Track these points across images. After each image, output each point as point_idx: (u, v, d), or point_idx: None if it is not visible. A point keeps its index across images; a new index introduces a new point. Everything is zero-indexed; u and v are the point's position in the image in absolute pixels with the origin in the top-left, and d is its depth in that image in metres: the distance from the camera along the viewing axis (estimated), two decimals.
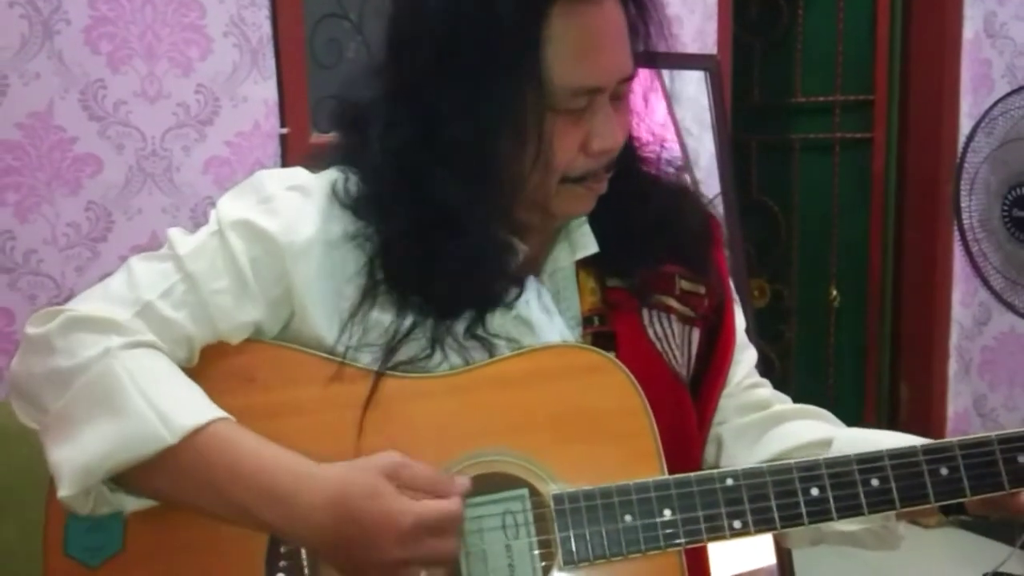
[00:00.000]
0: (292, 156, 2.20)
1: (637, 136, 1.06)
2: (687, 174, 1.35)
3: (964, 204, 2.80)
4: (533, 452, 0.94)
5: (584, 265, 1.06)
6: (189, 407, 0.90)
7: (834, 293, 3.60)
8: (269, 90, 2.19)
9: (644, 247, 1.06)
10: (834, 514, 0.93)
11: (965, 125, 3.14)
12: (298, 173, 1.03)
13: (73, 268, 2.01)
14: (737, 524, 0.92)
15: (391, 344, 0.96)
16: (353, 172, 1.00)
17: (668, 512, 0.92)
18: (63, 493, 0.88)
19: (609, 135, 0.96)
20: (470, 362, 0.98)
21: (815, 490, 0.93)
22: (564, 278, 1.06)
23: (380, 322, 0.97)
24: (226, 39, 2.13)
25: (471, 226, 0.95)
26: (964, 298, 3.33)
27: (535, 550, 0.93)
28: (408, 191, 0.97)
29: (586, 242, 1.05)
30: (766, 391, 1.14)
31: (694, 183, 2.24)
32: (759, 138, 3.69)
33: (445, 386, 0.97)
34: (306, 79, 2.25)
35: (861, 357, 3.57)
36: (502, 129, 0.93)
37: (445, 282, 0.96)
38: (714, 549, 1.07)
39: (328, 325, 0.97)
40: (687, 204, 1.12)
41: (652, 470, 0.94)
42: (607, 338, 1.03)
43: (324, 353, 0.97)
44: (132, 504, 0.92)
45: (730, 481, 0.93)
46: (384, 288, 0.97)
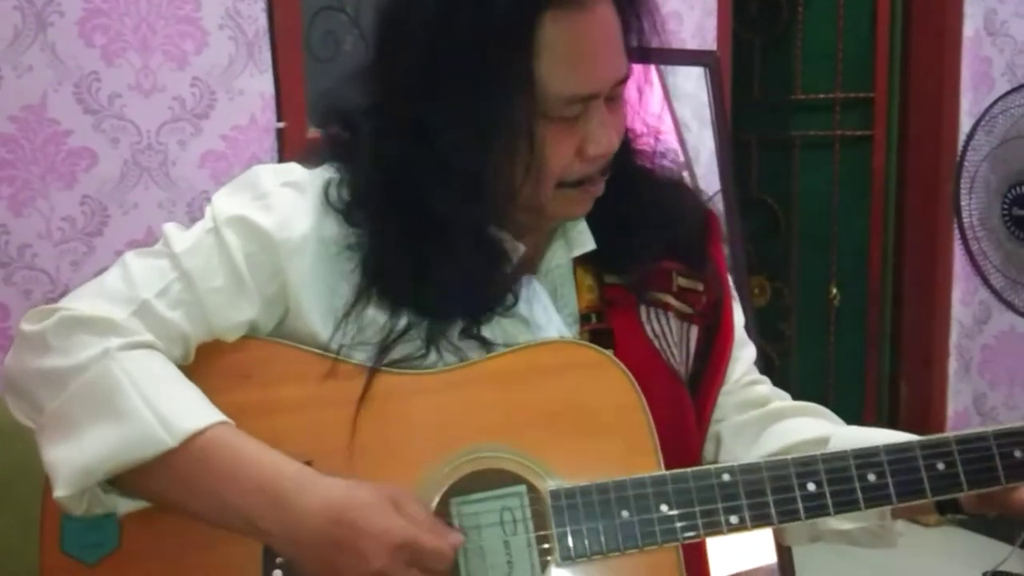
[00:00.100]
0: (289, 150, 2.19)
1: (631, 128, 1.05)
2: (685, 171, 1.34)
3: (964, 202, 2.80)
4: (529, 448, 0.94)
5: (581, 262, 1.05)
6: (189, 410, 0.89)
7: (834, 291, 3.60)
8: (265, 84, 2.18)
9: (641, 244, 1.05)
10: (831, 509, 0.93)
11: (965, 123, 3.14)
12: (293, 169, 1.02)
13: (68, 263, 2.01)
14: (734, 519, 0.92)
15: (385, 343, 0.96)
16: (345, 172, 0.99)
17: (665, 508, 0.92)
18: (59, 493, 0.87)
19: (604, 140, 0.95)
20: (466, 360, 0.97)
21: (812, 485, 0.93)
22: (561, 276, 1.05)
23: (375, 320, 0.96)
24: (221, 32, 2.12)
25: (462, 238, 0.94)
26: (964, 297, 3.32)
27: (533, 546, 0.92)
28: (398, 202, 0.96)
29: (583, 239, 1.04)
30: (765, 388, 1.13)
31: (693, 180, 2.24)
32: (759, 135, 3.68)
33: (441, 382, 0.96)
34: (303, 72, 2.24)
35: (861, 355, 3.56)
36: (494, 138, 0.92)
37: (437, 294, 0.96)
38: (714, 548, 1.06)
39: (323, 322, 0.97)
40: (684, 198, 1.11)
41: (649, 466, 0.94)
42: (604, 335, 1.03)
43: (319, 350, 0.96)
44: (125, 506, 0.92)
45: (727, 476, 0.93)
46: (378, 289, 0.97)
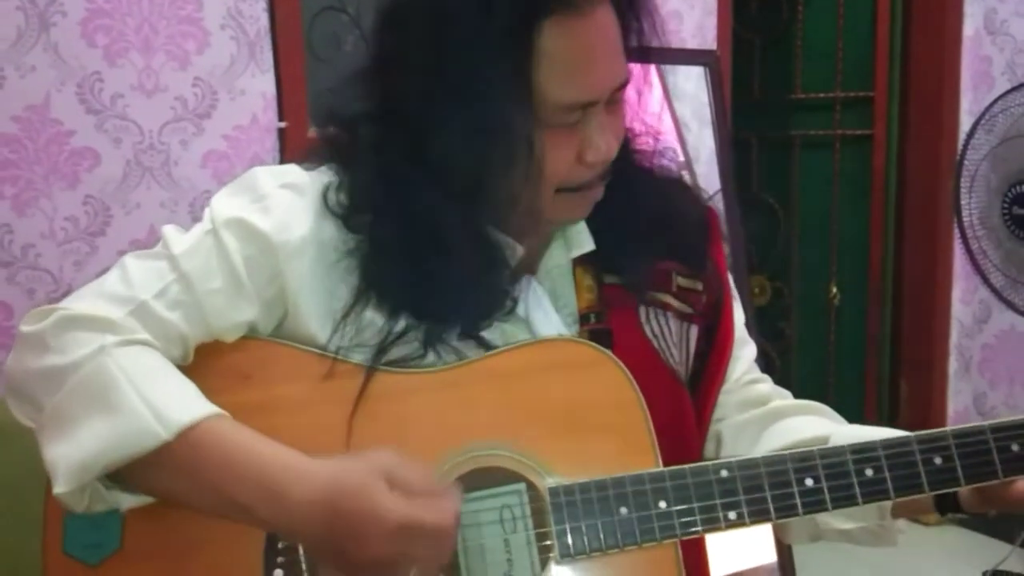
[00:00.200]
0: (290, 150, 2.19)
1: (630, 128, 1.05)
2: (685, 170, 1.34)
3: (964, 201, 2.80)
4: (528, 446, 0.94)
5: (581, 262, 1.05)
6: (184, 403, 0.89)
7: (834, 290, 3.60)
8: (267, 83, 2.18)
9: (640, 244, 1.05)
10: (828, 504, 0.93)
11: (965, 122, 3.14)
12: (291, 170, 1.02)
13: (71, 262, 2.01)
14: (732, 515, 0.92)
15: (383, 344, 0.96)
16: (344, 175, 0.99)
17: (664, 504, 0.92)
18: (58, 489, 0.87)
19: (604, 145, 0.95)
20: (464, 359, 0.97)
21: (810, 480, 0.93)
22: (560, 276, 1.05)
23: (373, 322, 0.97)
24: (223, 32, 2.12)
25: (461, 243, 0.94)
26: (964, 296, 3.32)
27: (533, 544, 0.93)
28: (397, 207, 0.96)
29: (582, 240, 1.04)
30: (766, 387, 1.13)
31: (693, 180, 2.24)
32: (759, 135, 3.68)
33: (439, 381, 0.96)
34: (304, 72, 2.24)
35: (861, 355, 3.56)
36: (493, 145, 0.91)
37: (436, 298, 0.96)
38: (714, 547, 1.06)
39: (321, 325, 0.97)
40: (683, 197, 1.11)
41: (647, 463, 0.94)
42: (603, 335, 1.03)
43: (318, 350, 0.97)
44: (128, 502, 0.92)
45: (725, 473, 0.93)
46: (376, 292, 0.97)
